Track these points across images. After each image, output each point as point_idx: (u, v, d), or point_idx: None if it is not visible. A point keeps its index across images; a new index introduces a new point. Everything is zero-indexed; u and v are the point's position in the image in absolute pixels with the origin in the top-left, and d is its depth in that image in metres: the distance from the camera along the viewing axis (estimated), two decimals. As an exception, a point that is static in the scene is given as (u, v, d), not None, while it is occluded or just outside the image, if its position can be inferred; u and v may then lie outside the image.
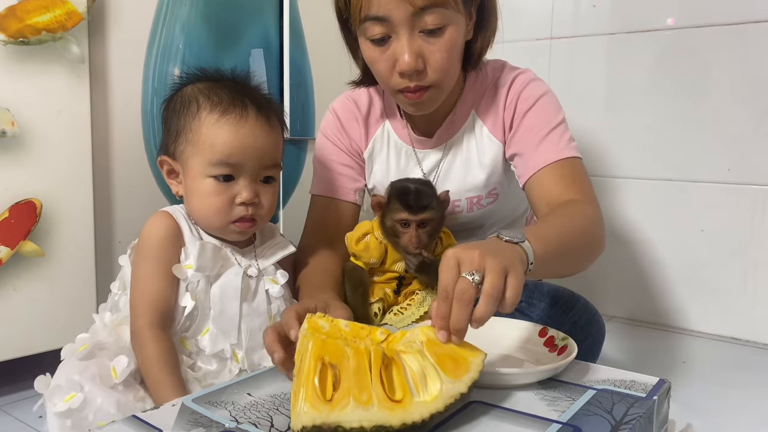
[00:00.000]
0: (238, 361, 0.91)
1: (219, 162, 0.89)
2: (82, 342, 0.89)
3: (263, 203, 0.93)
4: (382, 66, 0.98)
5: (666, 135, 1.65)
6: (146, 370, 0.86)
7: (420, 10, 0.92)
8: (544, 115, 1.05)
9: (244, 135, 0.90)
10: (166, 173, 0.96)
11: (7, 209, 1.16)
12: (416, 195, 0.99)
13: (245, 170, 0.90)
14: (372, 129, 1.17)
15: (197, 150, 0.90)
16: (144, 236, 0.93)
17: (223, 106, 0.90)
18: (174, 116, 0.93)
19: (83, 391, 0.81)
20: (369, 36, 0.97)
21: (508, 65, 1.12)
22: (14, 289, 1.18)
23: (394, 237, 1.00)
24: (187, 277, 0.91)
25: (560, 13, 1.79)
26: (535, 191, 1.02)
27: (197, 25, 1.39)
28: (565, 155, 1.01)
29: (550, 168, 1.01)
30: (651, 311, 1.71)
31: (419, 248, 0.99)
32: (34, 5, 1.16)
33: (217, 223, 0.92)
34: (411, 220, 0.98)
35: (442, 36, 0.95)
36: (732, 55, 1.55)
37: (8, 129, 1.14)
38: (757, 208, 1.55)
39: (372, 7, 0.94)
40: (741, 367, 1.42)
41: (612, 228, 1.75)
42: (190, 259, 0.91)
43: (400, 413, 0.61)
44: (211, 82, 0.94)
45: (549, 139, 1.03)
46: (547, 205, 0.98)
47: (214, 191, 0.90)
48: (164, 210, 0.95)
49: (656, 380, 0.76)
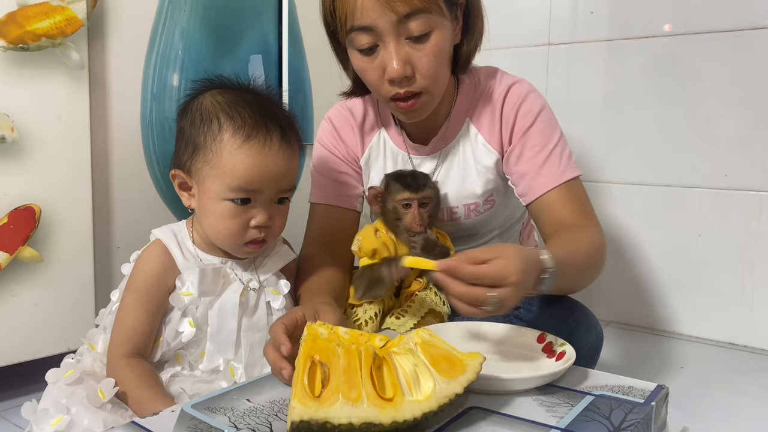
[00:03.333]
0: (233, 375, 0.90)
1: (238, 188, 0.87)
2: (67, 367, 0.89)
3: (276, 223, 0.93)
4: (372, 75, 0.99)
5: (663, 140, 1.66)
6: (126, 394, 0.86)
7: (404, 17, 0.93)
8: (544, 133, 1.06)
9: (266, 164, 0.88)
10: (178, 186, 0.95)
11: (6, 215, 1.16)
12: (413, 176, 1.05)
13: (263, 195, 0.89)
14: (368, 137, 1.17)
15: (216, 173, 0.88)
16: (136, 268, 0.93)
17: (246, 130, 0.87)
18: (192, 130, 0.90)
19: (70, 413, 0.81)
20: (357, 46, 0.98)
21: (500, 72, 1.12)
22: (13, 294, 1.18)
23: (396, 221, 1.03)
24: (185, 305, 0.90)
25: (558, 19, 1.80)
26: (541, 214, 1.05)
27: (196, 31, 1.40)
28: (567, 177, 1.04)
29: (556, 192, 1.04)
30: (648, 316, 1.72)
31: (422, 226, 1.02)
32: (34, 11, 1.16)
33: (230, 243, 0.92)
34: (412, 198, 1.02)
35: (429, 41, 0.96)
36: (728, 62, 1.56)
37: (7, 135, 1.14)
38: (753, 213, 1.55)
39: (357, 17, 0.94)
40: (738, 373, 1.42)
41: (609, 233, 1.75)
42: (187, 285, 0.91)
43: (390, 411, 0.61)
44: (232, 95, 0.91)
45: (551, 160, 1.05)
46: (554, 229, 1.02)
47: (230, 214, 0.89)
48: (159, 239, 0.94)
49: (654, 386, 0.76)
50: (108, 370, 0.90)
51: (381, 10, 0.92)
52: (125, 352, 0.89)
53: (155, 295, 0.91)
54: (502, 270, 0.74)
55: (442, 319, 1.02)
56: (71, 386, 0.85)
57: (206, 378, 0.90)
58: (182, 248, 0.94)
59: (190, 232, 0.96)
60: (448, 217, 1.14)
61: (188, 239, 0.95)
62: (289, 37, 1.58)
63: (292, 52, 1.59)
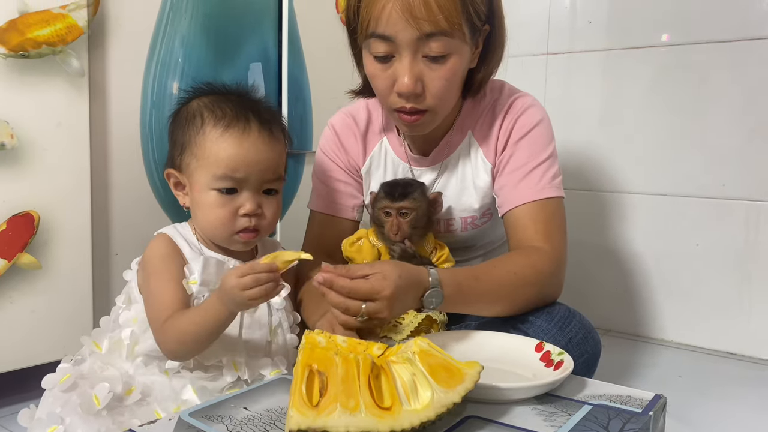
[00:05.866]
0: (237, 369, 0.91)
1: (223, 176, 0.91)
2: (63, 372, 0.89)
3: (266, 214, 0.95)
4: (382, 83, 0.99)
5: (661, 150, 1.66)
6: (191, 326, 0.85)
7: (426, 36, 0.93)
8: (533, 148, 1.06)
9: (247, 149, 0.91)
10: (173, 185, 0.98)
11: (5, 221, 1.16)
12: (397, 185, 1.05)
13: (248, 183, 0.92)
14: (370, 145, 1.17)
15: (201, 164, 0.92)
16: (147, 256, 0.95)
17: (226, 120, 0.92)
18: (179, 130, 0.95)
19: (64, 423, 0.81)
20: (372, 52, 0.98)
21: (507, 87, 1.12)
22: (11, 301, 1.17)
23: (380, 227, 1.05)
24: (193, 293, 0.91)
25: (557, 28, 1.81)
26: (509, 227, 1.06)
27: (197, 38, 1.40)
28: (543, 195, 1.03)
29: (527, 208, 1.03)
30: (646, 325, 1.72)
31: (399, 236, 1.02)
32: (35, 19, 1.16)
33: (222, 233, 0.94)
34: (391, 207, 1.03)
35: (445, 64, 0.96)
36: (727, 72, 1.56)
37: (7, 141, 1.15)
38: (750, 223, 1.56)
39: (380, 25, 0.94)
40: (736, 382, 1.42)
41: (607, 242, 1.76)
42: (194, 274, 0.92)
43: (388, 420, 0.61)
44: (217, 95, 0.96)
45: (532, 176, 1.04)
46: (516, 244, 1.04)
47: (218, 203, 0.92)
48: (161, 232, 0.97)
49: (652, 395, 0.76)
50: (162, 344, 0.88)
51: (405, 23, 0.92)
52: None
53: (176, 270, 0.92)
54: (375, 285, 0.81)
55: (439, 327, 1.02)
56: (66, 393, 0.85)
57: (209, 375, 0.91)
58: (188, 242, 0.96)
59: (193, 230, 0.99)
60: (445, 229, 1.15)
61: (192, 236, 0.98)
62: (289, 45, 1.59)
63: (292, 60, 1.60)
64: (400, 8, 0.91)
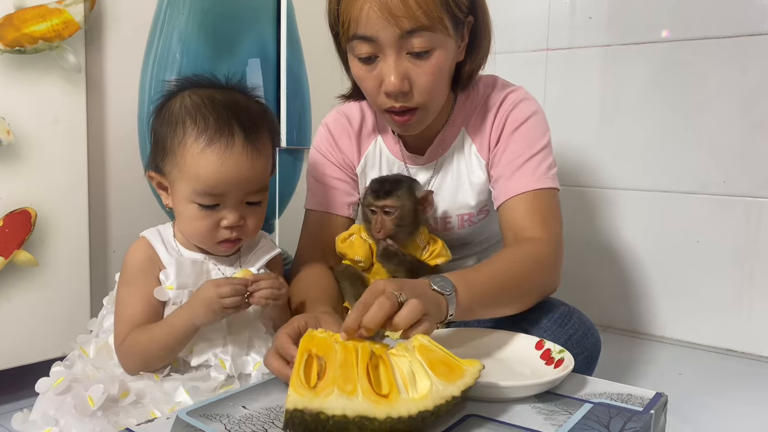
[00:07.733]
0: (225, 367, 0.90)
1: (203, 192, 0.88)
2: (56, 375, 0.89)
3: (248, 224, 0.93)
4: (369, 84, 0.99)
5: (661, 146, 1.66)
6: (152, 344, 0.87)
7: (407, 33, 0.92)
8: (526, 140, 1.05)
9: (229, 167, 0.87)
10: (156, 186, 0.96)
11: (2, 218, 1.15)
12: (385, 182, 1.04)
13: (230, 198, 0.90)
14: (364, 144, 1.17)
15: (182, 176, 0.89)
16: (125, 263, 0.94)
17: (209, 133, 0.87)
18: (161, 131, 0.92)
19: (58, 425, 0.80)
20: (356, 54, 0.97)
21: (500, 82, 1.11)
22: (7, 299, 1.17)
23: (368, 224, 1.05)
24: (170, 299, 0.91)
25: (556, 24, 1.80)
26: (504, 218, 1.04)
27: (194, 34, 1.39)
28: (539, 186, 1.02)
29: (522, 198, 1.02)
30: (646, 322, 1.71)
31: (383, 234, 1.02)
32: (31, 14, 1.15)
33: (203, 243, 0.94)
34: (375, 205, 1.02)
35: (429, 59, 0.95)
36: (726, 68, 1.56)
37: (4, 138, 1.14)
38: (751, 219, 1.55)
39: (360, 26, 0.93)
40: (737, 379, 1.42)
41: (607, 239, 1.75)
42: (171, 279, 0.91)
43: (385, 406, 0.61)
44: (200, 96, 0.91)
45: (527, 166, 1.03)
46: (513, 236, 1.02)
47: (199, 216, 0.90)
48: (143, 235, 0.96)
49: (653, 393, 0.76)
50: (120, 354, 0.90)
51: (385, 22, 0.91)
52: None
53: (147, 284, 0.91)
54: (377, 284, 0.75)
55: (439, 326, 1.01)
56: (60, 396, 0.84)
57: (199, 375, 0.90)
58: (166, 245, 0.95)
59: (174, 230, 0.97)
60: (441, 227, 1.14)
61: (172, 237, 0.96)
62: (288, 40, 1.58)
63: (290, 55, 1.59)
64: (378, 8, 0.90)
